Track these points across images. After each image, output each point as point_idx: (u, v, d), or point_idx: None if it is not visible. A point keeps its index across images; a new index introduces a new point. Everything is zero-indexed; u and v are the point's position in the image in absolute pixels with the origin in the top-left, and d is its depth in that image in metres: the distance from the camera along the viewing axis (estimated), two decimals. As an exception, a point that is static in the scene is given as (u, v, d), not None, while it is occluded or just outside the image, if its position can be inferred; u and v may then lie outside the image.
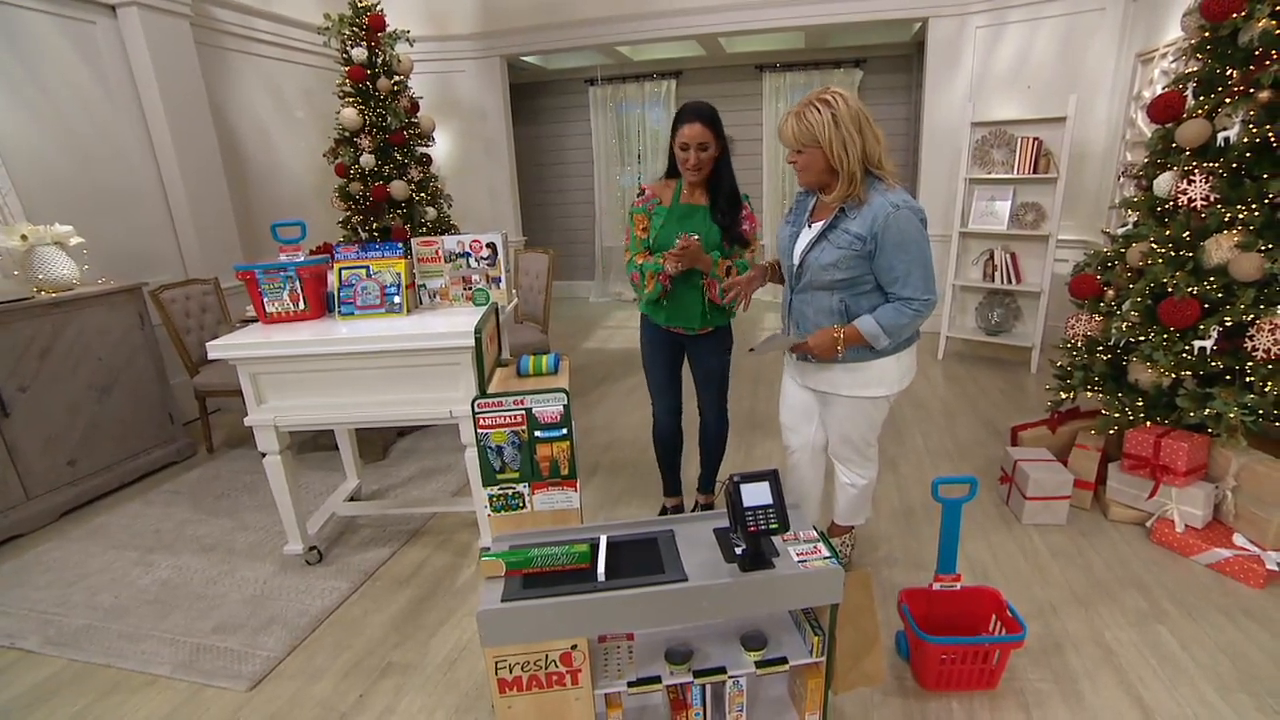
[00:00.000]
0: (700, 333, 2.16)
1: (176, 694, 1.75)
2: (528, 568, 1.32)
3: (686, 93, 6.43)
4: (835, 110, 1.56)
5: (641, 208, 2.11)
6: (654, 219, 2.09)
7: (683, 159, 1.97)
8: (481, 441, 1.41)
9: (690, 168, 1.97)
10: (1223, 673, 1.66)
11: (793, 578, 1.29)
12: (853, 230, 1.63)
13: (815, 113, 1.57)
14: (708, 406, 2.33)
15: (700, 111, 1.94)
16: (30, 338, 2.67)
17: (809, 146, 1.61)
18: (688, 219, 2.05)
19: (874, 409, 1.83)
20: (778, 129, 1.69)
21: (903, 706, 1.61)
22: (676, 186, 2.08)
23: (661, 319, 2.16)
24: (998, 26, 4.46)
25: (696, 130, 1.92)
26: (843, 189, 1.62)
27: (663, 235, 2.05)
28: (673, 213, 2.06)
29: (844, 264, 1.65)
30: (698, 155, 1.95)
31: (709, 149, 1.96)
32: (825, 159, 1.61)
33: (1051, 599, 1.98)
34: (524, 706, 1.32)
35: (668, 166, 2.09)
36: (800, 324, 1.84)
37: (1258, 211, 2.09)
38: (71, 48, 3.29)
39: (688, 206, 2.07)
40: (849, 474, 1.97)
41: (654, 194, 2.11)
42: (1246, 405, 2.05)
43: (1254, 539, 2.06)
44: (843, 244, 1.65)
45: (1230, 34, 2.15)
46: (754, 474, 1.28)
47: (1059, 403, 2.72)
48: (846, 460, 1.95)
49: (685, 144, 1.95)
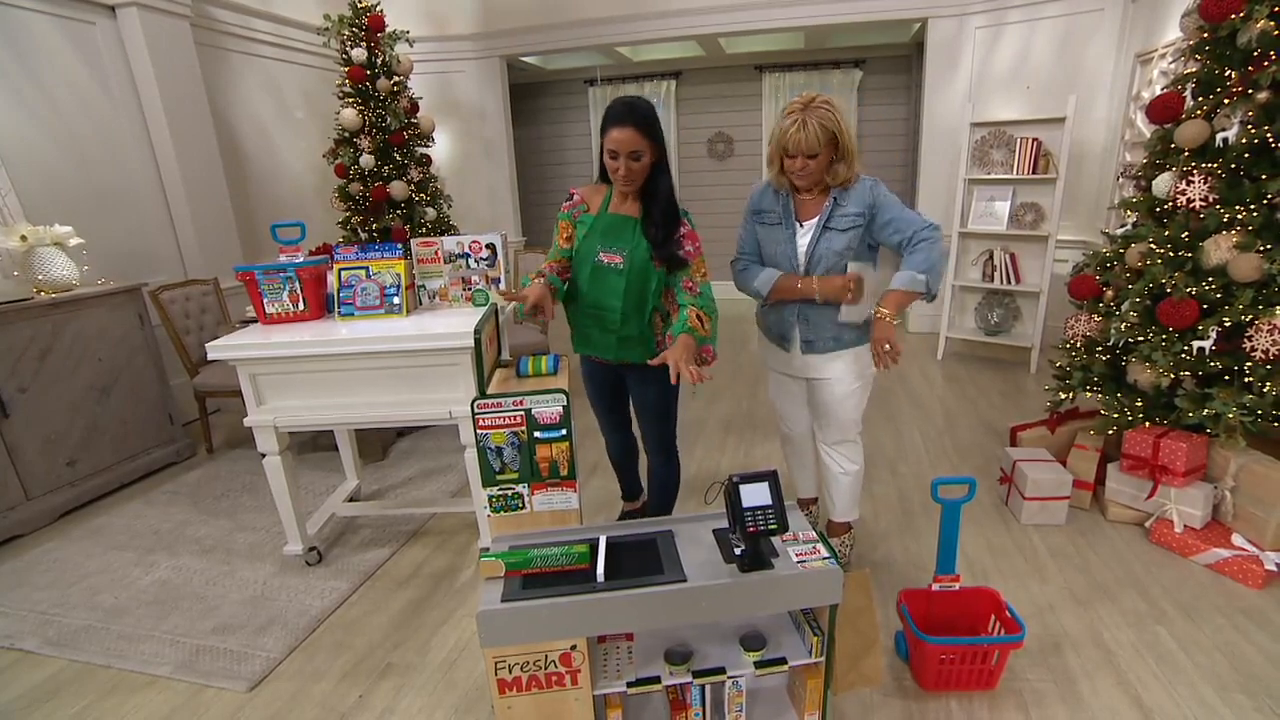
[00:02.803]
0: (638, 369, 1.87)
1: (176, 694, 1.75)
2: (527, 568, 1.32)
3: (686, 93, 6.44)
4: (833, 108, 1.69)
5: (567, 214, 1.87)
6: (578, 227, 1.85)
7: (611, 168, 1.70)
8: (481, 442, 1.41)
9: (620, 178, 1.71)
10: (1221, 673, 1.66)
11: (792, 578, 1.29)
12: (850, 211, 1.76)
13: (823, 113, 1.67)
14: (649, 442, 2.05)
15: (633, 110, 1.64)
16: (30, 338, 2.67)
17: (825, 146, 1.69)
18: (615, 231, 1.79)
19: (864, 390, 1.97)
20: (784, 141, 1.71)
21: (902, 707, 1.61)
22: (607, 193, 1.83)
23: (583, 347, 1.94)
24: (997, 27, 4.47)
25: (627, 135, 1.63)
26: (845, 176, 1.74)
27: (585, 247, 1.80)
28: (598, 223, 1.81)
29: (852, 243, 1.78)
30: (628, 165, 1.67)
31: (642, 157, 1.67)
32: (830, 156, 1.72)
33: (1050, 599, 1.98)
34: (524, 707, 1.32)
35: (600, 169, 1.80)
36: (810, 320, 1.88)
37: (1256, 212, 2.09)
38: (71, 48, 3.30)
39: (616, 217, 1.80)
40: (843, 461, 2.03)
41: (582, 199, 1.86)
42: (1245, 405, 2.05)
43: (1253, 539, 2.06)
44: (846, 225, 1.77)
45: (1229, 35, 2.15)
46: (753, 474, 1.29)
47: (1058, 403, 2.73)
48: (839, 444, 2.02)
49: (614, 151, 1.66)
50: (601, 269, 1.80)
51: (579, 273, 1.85)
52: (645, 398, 1.98)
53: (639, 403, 2.02)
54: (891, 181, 6.59)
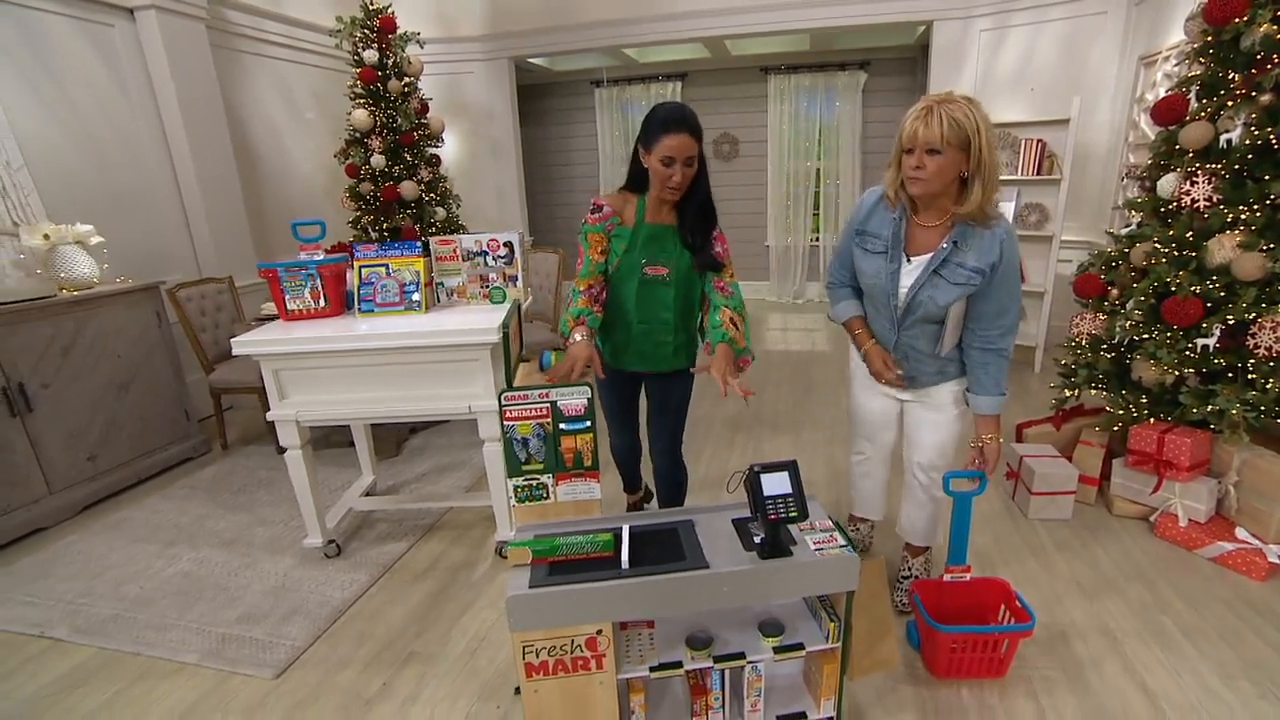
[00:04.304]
0: (667, 373, 1.92)
1: (204, 681, 1.80)
2: (554, 555, 1.36)
3: (692, 94, 6.48)
4: (975, 107, 1.43)
5: (599, 226, 1.78)
6: (614, 241, 1.79)
7: (665, 175, 1.64)
8: (508, 433, 1.46)
9: (674, 186, 1.66)
10: (1225, 661, 1.70)
11: (810, 565, 1.33)
12: (970, 264, 1.51)
13: (958, 109, 1.42)
14: (660, 443, 2.03)
15: (686, 116, 1.63)
16: (52, 335, 2.72)
17: (953, 147, 1.43)
18: (657, 243, 1.76)
19: (963, 418, 1.80)
20: (911, 128, 1.45)
21: (914, 694, 1.66)
22: (639, 203, 1.78)
23: (626, 364, 1.91)
24: (1001, 30, 4.51)
25: (684, 141, 1.60)
26: (978, 202, 1.46)
27: (628, 261, 1.77)
28: (638, 235, 1.76)
29: (961, 299, 1.57)
30: (684, 171, 1.64)
31: (693, 164, 1.66)
32: (961, 166, 1.45)
33: (1058, 591, 2.02)
34: (550, 690, 1.36)
35: (628, 178, 1.80)
36: (910, 356, 1.74)
37: (1259, 212, 2.14)
38: (90, 50, 3.35)
39: (656, 228, 1.76)
40: (935, 489, 1.86)
41: (613, 210, 1.79)
42: (1248, 402, 2.09)
43: (1256, 533, 2.10)
44: (959, 279, 1.53)
45: (1232, 38, 2.20)
46: (774, 464, 1.33)
47: (1063, 400, 2.77)
48: (933, 470, 1.84)
49: (670, 158, 1.61)
50: (649, 282, 1.78)
51: (622, 289, 1.80)
52: (668, 400, 1.97)
53: (660, 404, 1.99)
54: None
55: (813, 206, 6.60)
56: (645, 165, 1.70)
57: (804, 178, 6.51)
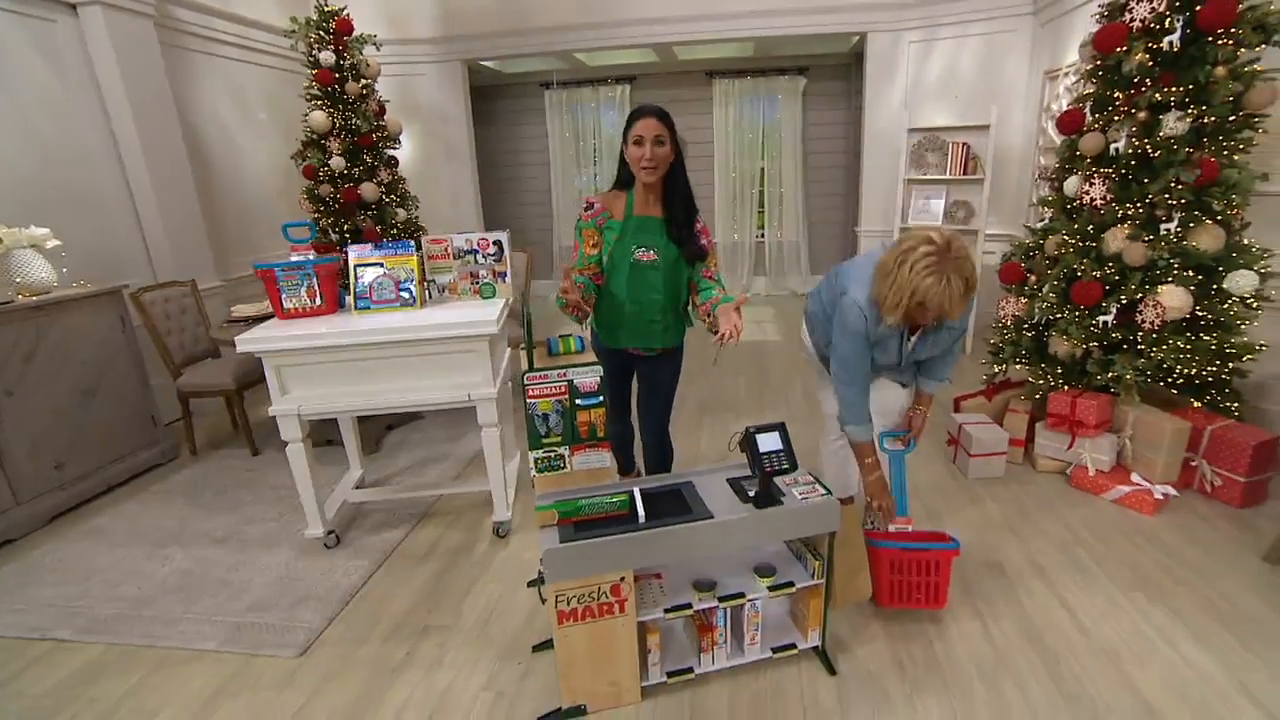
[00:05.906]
0: (657, 352, 2.11)
1: (227, 664, 1.86)
2: (578, 515, 1.54)
3: (640, 97, 6.70)
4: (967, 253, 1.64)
5: (590, 222, 1.97)
6: (606, 233, 1.97)
7: (637, 155, 1.84)
8: (530, 410, 1.62)
9: (646, 162, 1.83)
10: (1124, 579, 2.06)
11: (799, 510, 1.57)
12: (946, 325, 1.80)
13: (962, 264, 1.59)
14: (650, 423, 2.23)
15: (652, 107, 1.85)
16: (14, 342, 2.64)
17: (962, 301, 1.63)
18: (644, 233, 1.95)
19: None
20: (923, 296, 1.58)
21: (883, 627, 1.91)
22: (628, 198, 1.96)
23: (620, 341, 2.08)
24: (928, 42, 4.94)
25: (651, 124, 1.82)
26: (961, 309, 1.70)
27: (619, 249, 1.95)
28: (627, 225, 1.95)
29: (949, 341, 1.91)
30: (654, 149, 1.82)
31: (665, 144, 1.85)
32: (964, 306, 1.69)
33: (994, 534, 2.35)
34: (579, 635, 1.54)
35: (617, 177, 1.99)
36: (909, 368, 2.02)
37: (1141, 209, 2.54)
38: (31, 46, 3.23)
39: (643, 219, 1.95)
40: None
41: (603, 206, 1.97)
42: (1138, 368, 2.49)
43: (1146, 476, 2.51)
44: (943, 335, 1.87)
45: (1116, 64, 2.59)
46: (765, 426, 1.56)
47: (994, 375, 3.15)
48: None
49: (640, 137, 1.82)
50: (640, 267, 1.95)
51: (615, 275, 1.98)
52: (658, 381, 2.17)
53: (650, 386, 2.19)
54: (836, 182, 7.03)
55: (758, 204, 6.95)
56: (627, 159, 1.90)
57: (749, 177, 6.84)
